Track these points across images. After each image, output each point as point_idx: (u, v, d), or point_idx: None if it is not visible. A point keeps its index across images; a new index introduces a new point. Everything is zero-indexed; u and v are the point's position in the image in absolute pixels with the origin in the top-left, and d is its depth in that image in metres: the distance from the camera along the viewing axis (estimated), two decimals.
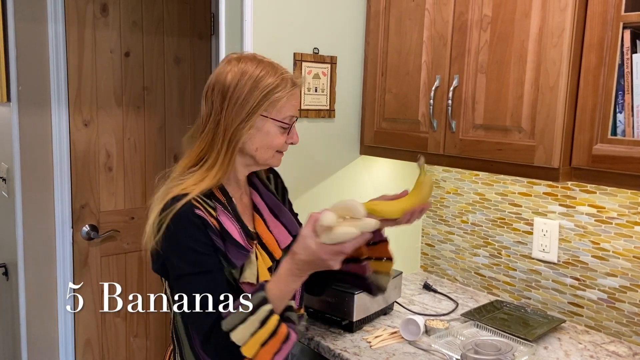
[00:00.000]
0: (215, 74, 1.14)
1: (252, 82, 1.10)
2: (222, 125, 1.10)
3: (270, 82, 1.11)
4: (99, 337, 2.44)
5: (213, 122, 1.11)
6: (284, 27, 1.67)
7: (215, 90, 1.11)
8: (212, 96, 1.12)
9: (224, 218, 1.10)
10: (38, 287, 2.25)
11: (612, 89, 1.27)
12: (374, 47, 1.82)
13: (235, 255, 1.08)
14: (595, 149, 1.30)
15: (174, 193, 1.08)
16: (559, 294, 1.74)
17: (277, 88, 1.12)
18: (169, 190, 1.10)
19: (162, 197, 1.09)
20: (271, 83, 1.11)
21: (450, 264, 2.08)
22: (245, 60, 1.13)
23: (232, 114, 1.10)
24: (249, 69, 1.11)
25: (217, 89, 1.11)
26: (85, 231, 2.35)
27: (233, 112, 1.10)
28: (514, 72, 1.42)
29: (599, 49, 1.28)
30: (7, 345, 2.50)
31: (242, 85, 1.10)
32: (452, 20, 1.56)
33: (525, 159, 1.41)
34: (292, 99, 1.15)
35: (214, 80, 1.13)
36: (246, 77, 1.10)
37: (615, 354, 1.50)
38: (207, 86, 1.14)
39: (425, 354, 1.46)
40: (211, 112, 1.12)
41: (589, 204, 1.65)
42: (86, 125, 2.32)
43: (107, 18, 2.32)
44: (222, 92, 1.10)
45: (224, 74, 1.11)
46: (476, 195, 1.96)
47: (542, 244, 1.76)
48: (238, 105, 1.10)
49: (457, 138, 1.57)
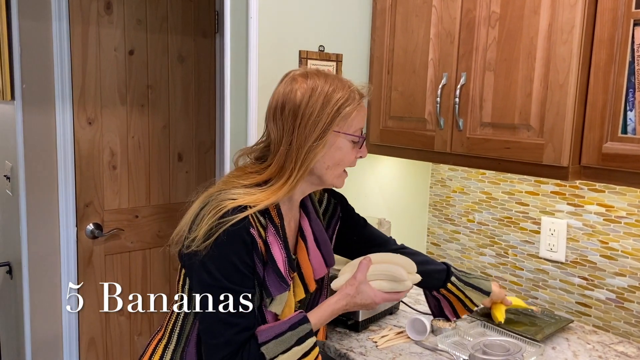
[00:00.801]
0: (282, 93, 1.11)
1: (324, 98, 1.08)
2: (294, 144, 1.08)
3: (341, 96, 1.09)
4: (103, 336, 2.44)
5: (286, 143, 1.08)
6: (289, 25, 1.66)
7: (286, 110, 1.09)
8: (283, 116, 1.09)
9: (272, 241, 1.09)
10: (42, 286, 2.24)
11: (623, 86, 1.25)
12: (380, 45, 1.80)
13: (274, 285, 1.08)
14: (605, 147, 1.28)
15: (235, 204, 1.05)
16: (566, 294, 1.72)
17: (347, 102, 1.10)
18: (226, 198, 1.06)
19: (218, 205, 1.05)
20: (342, 97, 1.09)
21: (456, 263, 2.06)
22: (312, 76, 1.11)
23: (305, 131, 1.08)
24: (318, 85, 1.09)
25: (288, 108, 1.09)
26: (89, 230, 2.34)
27: (306, 130, 1.08)
28: (523, 70, 1.41)
29: (610, 45, 1.27)
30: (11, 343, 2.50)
31: (314, 102, 1.08)
32: (460, 17, 1.54)
33: (534, 158, 1.39)
34: (361, 111, 1.14)
35: (283, 100, 1.10)
36: (317, 93, 1.08)
37: (624, 354, 1.49)
38: (275, 107, 1.11)
39: (432, 354, 1.44)
40: (283, 134, 1.09)
41: (598, 203, 1.63)
42: (90, 124, 2.31)
43: (111, 16, 2.32)
44: (293, 111, 1.08)
45: (292, 93, 1.09)
46: (482, 194, 1.95)
47: (549, 244, 1.74)
48: (311, 123, 1.08)
49: (465, 136, 1.55)
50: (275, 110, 1.11)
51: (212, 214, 1.04)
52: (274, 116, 1.11)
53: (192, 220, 1.08)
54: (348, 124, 1.12)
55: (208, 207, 1.06)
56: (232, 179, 1.13)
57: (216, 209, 1.04)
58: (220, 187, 1.10)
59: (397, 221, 2.02)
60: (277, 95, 1.13)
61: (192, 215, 1.09)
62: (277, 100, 1.12)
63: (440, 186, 2.10)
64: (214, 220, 1.03)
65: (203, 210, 1.06)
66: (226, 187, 1.10)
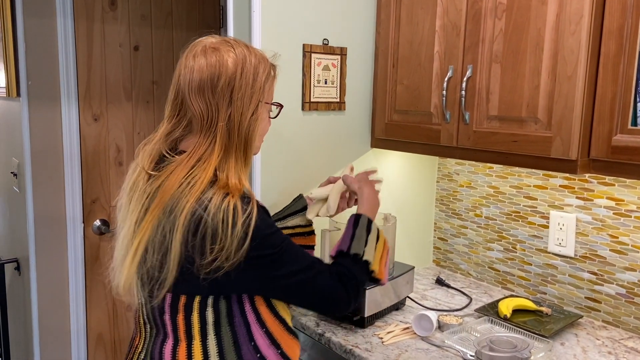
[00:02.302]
0: (207, 65, 1.04)
1: (254, 69, 1.06)
2: (234, 117, 1.04)
3: (264, 67, 1.09)
4: (111, 332, 2.44)
5: (223, 119, 1.04)
6: (293, 18, 1.64)
7: (221, 82, 1.03)
8: (217, 90, 1.03)
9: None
10: (50, 282, 2.25)
11: (633, 77, 1.22)
12: (385, 38, 1.78)
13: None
14: (615, 140, 1.26)
15: (236, 197, 0.99)
16: (575, 289, 1.70)
17: (270, 72, 1.11)
18: (222, 199, 0.98)
19: (227, 210, 0.97)
20: (265, 68, 1.09)
21: (463, 258, 2.04)
22: (232, 45, 1.07)
23: (242, 103, 1.04)
24: (245, 55, 1.06)
25: (223, 80, 1.03)
26: (96, 226, 2.35)
27: (244, 102, 1.05)
28: (530, 62, 1.38)
29: (619, 36, 1.24)
30: (19, 340, 2.52)
31: (247, 73, 1.05)
32: (466, 9, 1.52)
33: (542, 151, 1.37)
34: (275, 81, 1.15)
35: (212, 72, 1.03)
36: (247, 64, 1.06)
37: (634, 349, 1.47)
38: (202, 80, 1.04)
39: (438, 350, 1.43)
40: (219, 108, 1.04)
41: (607, 197, 1.60)
42: (96, 120, 2.31)
43: (116, 12, 2.31)
44: (228, 82, 1.03)
45: (222, 64, 1.04)
46: (490, 188, 1.92)
47: (558, 238, 1.72)
48: (248, 95, 1.05)
49: (471, 130, 1.53)
50: (203, 84, 1.03)
51: (231, 221, 0.97)
52: (201, 91, 1.04)
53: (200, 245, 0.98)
54: (269, 94, 1.13)
55: (215, 220, 0.97)
56: (189, 181, 1.01)
57: (230, 213, 0.97)
58: (187, 195, 0.99)
59: (404, 216, 2.00)
60: (199, 67, 1.04)
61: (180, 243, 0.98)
62: (202, 72, 1.03)
63: (447, 180, 2.08)
64: (240, 223, 0.97)
65: (206, 229, 0.97)
66: (192, 190, 1.00)
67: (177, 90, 1.07)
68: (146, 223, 1.02)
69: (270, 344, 1.09)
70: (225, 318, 1.05)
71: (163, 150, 1.09)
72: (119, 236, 1.11)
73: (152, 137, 1.11)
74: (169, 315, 1.05)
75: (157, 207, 1.01)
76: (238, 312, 1.06)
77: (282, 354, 1.11)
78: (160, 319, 1.07)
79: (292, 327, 1.16)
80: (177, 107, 1.08)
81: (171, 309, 1.05)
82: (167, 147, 1.09)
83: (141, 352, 1.12)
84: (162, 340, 1.08)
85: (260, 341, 1.08)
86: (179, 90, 1.07)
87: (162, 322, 1.07)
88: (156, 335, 1.09)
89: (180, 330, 1.05)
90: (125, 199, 1.11)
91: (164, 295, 1.04)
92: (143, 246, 1.03)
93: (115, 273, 1.11)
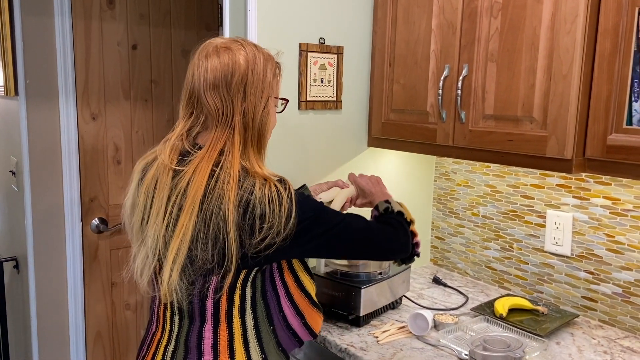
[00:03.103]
0: (220, 65, 1.09)
1: (263, 66, 1.12)
2: (249, 112, 1.10)
3: (271, 64, 1.15)
4: (110, 330, 2.45)
5: (239, 113, 1.09)
6: (289, 17, 1.64)
7: (235, 79, 1.08)
8: (232, 87, 1.09)
9: None
10: (48, 281, 2.26)
11: (628, 76, 1.22)
12: (382, 37, 1.78)
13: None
14: (610, 139, 1.25)
15: (272, 179, 1.07)
16: (572, 288, 1.70)
17: (276, 69, 1.17)
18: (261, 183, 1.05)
19: (270, 191, 1.04)
20: (272, 65, 1.15)
21: (460, 257, 2.04)
22: (242, 44, 1.13)
23: (255, 98, 1.10)
24: (255, 53, 1.12)
25: (237, 76, 1.09)
26: (94, 224, 2.35)
27: (256, 97, 1.11)
28: (526, 61, 1.38)
29: (614, 35, 1.23)
30: (18, 338, 2.53)
31: (259, 70, 1.11)
32: (462, 8, 1.51)
33: (537, 150, 1.37)
34: (281, 77, 1.21)
35: (225, 70, 1.08)
36: (257, 61, 1.11)
37: (629, 349, 1.46)
38: (217, 78, 1.08)
39: (433, 350, 1.43)
40: (234, 104, 1.09)
41: (604, 196, 1.60)
42: (94, 119, 2.31)
43: (114, 10, 2.31)
44: (242, 78, 1.09)
45: (235, 62, 1.09)
46: (487, 187, 1.92)
47: (555, 237, 1.72)
48: (259, 90, 1.11)
49: (467, 129, 1.53)
50: (218, 81, 1.08)
51: (277, 201, 1.03)
52: (216, 88, 1.09)
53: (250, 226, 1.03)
54: (276, 90, 1.19)
55: (262, 202, 1.03)
56: (219, 174, 1.05)
57: (275, 194, 1.04)
58: (225, 188, 1.04)
59: None
60: (213, 66, 1.09)
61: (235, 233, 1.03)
62: (215, 71, 1.09)
63: (444, 179, 2.08)
64: (285, 201, 1.04)
65: (255, 211, 1.02)
66: (229, 182, 1.04)
67: (191, 90, 1.12)
68: (183, 225, 1.04)
69: (295, 314, 1.19)
70: (260, 292, 1.13)
71: (186, 146, 1.12)
72: (146, 235, 1.12)
73: (170, 136, 1.16)
74: (212, 298, 1.10)
75: (193, 205, 1.04)
76: (270, 287, 1.15)
77: (305, 324, 1.21)
78: (200, 304, 1.10)
79: (316, 301, 1.23)
80: (193, 105, 1.12)
81: (215, 291, 1.09)
82: (190, 143, 1.13)
83: (167, 345, 1.14)
84: (200, 326, 1.11)
85: (288, 311, 1.18)
86: (193, 90, 1.11)
87: (201, 308, 1.11)
88: (190, 323, 1.12)
89: (222, 311, 1.10)
90: (142, 197, 1.14)
91: (209, 281, 1.08)
92: (185, 248, 1.04)
93: (143, 274, 1.14)
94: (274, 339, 1.15)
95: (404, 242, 1.28)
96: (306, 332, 1.21)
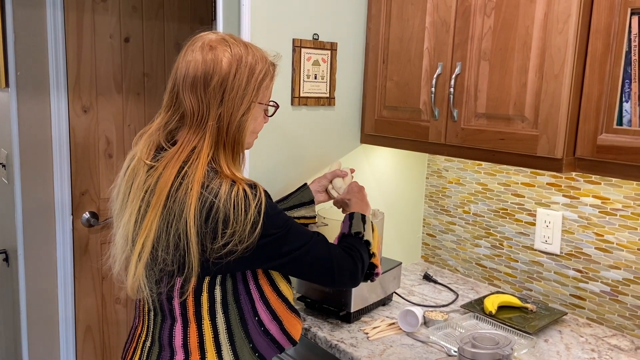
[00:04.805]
0: (202, 62, 1.05)
1: (249, 70, 1.07)
2: (224, 117, 1.06)
3: (261, 68, 1.10)
4: (100, 324, 2.44)
5: (214, 118, 1.05)
6: (283, 12, 1.63)
7: (214, 82, 1.04)
8: (209, 89, 1.05)
9: None
10: (38, 274, 2.25)
11: (619, 77, 1.23)
12: (376, 34, 1.78)
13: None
14: (600, 139, 1.26)
15: (244, 184, 1.03)
16: (561, 286, 1.71)
17: (267, 74, 1.11)
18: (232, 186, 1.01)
19: (237, 196, 1.00)
20: (262, 69, 1.10)
21: (451, 254, 2.05)
22: (231, 43, 1.08)
23: (233, 104, 1.06)
24: (242, 55, 1.07)
25: (216, 80, 1.04)
26: (85, 218, 2.34)
27: (235, 103, 1.06)
28: (518, 60, 1.38)
29: (606, 35, 1.24)
30: (8, 331, 2.51)
31: (242, 74, 1.06)
32: (456, 6, 1.52)
33: (528, 149, 1.37)
34: (273, 80, 1.16)
35: (206, 69, 1.04)
36: (242, 65, 1.07)
37: (617, 347, 1.48)
38: (196, 76, 1.05)
39: (423, 346, 1.44)
40: (210, 107, 1.05)
41: (593, 195, 1.61)
42: (85, 112, 2.30)
43: (107, 3, 2.29)
44: (221, 83, 1.05)
45: (217, 63, 1.05)
46: (478, 185, 1.93)
47: (544, 235, 1.73)
48: (239, 96, 1.06)
49: (459, 127, 1.53)
50: (197, 81, 1.05)
51: (243, 207, 1.00)
52: (194, 87, 1.05)
53: (212, 230, 1.00)
54: (265, 94, 1.14)
55: (227, 207, 0.99)
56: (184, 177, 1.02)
57: (242, 199, 1.00)
58: (188, 190, 1.01)
59: (393, 212, 2.01)
60: (195, 63, 1.05)
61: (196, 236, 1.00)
62: (197, 69, 1.05)
63: (436, 177, 2.08)
64: (252, 208, 1.01)
65: (219, 215, 1.00)
66: (191, 186, 1.01)
67: (173, 82, 1.10)
68: (148, 222, 1.03)
69: (272, 319, 1.15)
70: (232, 296, 1.10)
71: (161, 141, 1.11)
72: (119, 224, 1.12)
73: (149, 127, 1.13)
74: (178, 299, 1.08)
75: (157, 204, 1.03)
76: (243, 291, 1.12)
77: (282, 329, 1.17)
78: (168, 304, 1.10)
79: (293, 306, 1.21)
80: (173, 98, 1.10)
81: (180, 293, 1.08)
82: (164, 137, 1.11)
83: (145, 340, 1.14)
84: (171, 325, 1.11)
85: (264, 315, 1.14)
86: (175, 82, 1.09)
87: (169, 307, 1.10)
88: (162, 321, 1.12)
89: (189, 312, 1.09)
90: (124, 187, 1.13)
91: (174, 282, 1.07)
92: (149, 246, 1.04)
93: (116, 263, 1.13)
94: (249, 344, 1.12)
95: (357, 278, 1.22)
96: (285, 338, 1.18)
